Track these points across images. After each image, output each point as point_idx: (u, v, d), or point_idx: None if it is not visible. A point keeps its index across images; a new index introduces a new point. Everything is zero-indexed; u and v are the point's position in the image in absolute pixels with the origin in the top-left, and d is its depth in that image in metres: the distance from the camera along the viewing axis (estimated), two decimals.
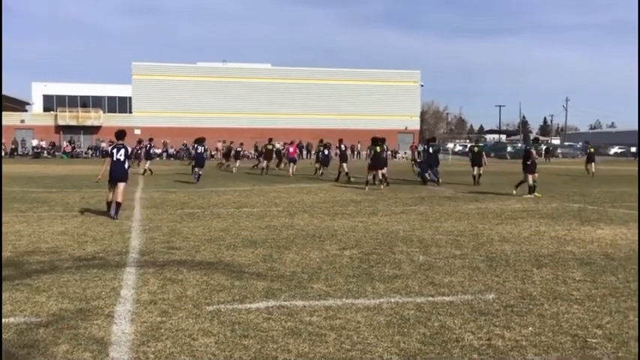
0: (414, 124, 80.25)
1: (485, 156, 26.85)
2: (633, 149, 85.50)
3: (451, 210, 15.52)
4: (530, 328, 5.62)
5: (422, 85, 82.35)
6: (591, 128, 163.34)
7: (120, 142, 13.83)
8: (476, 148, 26.98)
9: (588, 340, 5.31)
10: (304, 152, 66.53)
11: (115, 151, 13.70)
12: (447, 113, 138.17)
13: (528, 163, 19.40)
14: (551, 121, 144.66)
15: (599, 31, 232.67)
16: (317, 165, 32.41)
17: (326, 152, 31.22)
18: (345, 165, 27.42)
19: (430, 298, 6.66)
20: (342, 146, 28.69)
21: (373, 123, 69.87)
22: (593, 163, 33.95)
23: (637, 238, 10.89)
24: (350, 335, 5.40)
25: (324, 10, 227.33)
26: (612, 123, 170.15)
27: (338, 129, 62.74)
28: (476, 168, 25.85)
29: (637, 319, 5.94)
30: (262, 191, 21.12)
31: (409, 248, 9.80)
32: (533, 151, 19.78)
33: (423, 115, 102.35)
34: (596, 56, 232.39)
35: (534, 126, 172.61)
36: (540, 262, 8.72)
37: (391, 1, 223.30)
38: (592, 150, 35.71)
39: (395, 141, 72.28)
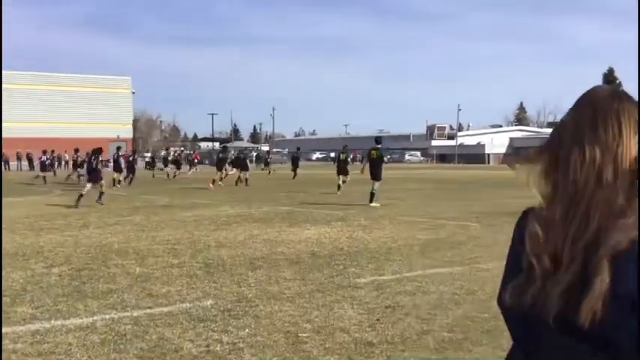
0: (127, 133, 78.12)
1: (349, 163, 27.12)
2: (332, 154, 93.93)
3: (167, 218, 15.39)
4: (247, 330, 5.80)
5: (133, 93, 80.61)
6: (296, 135, 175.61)
7: None
8: (342, 155, 26.78)
9: (299, 335, 5.65)
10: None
11: None
12: (161, 121, 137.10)
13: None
14: (260, 129, 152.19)
15: (297, 45, 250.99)
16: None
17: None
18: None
19: (148, 311, 6.50)
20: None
21: (82, 131, 66.49)
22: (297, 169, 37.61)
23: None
24: (60, 359, 5.01)
25: (22, 9, 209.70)
26: (314, 130, 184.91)
27: (44, 138, 58.25)
28: (341, 176, 25.68)
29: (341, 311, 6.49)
30: None
31: (124, 261, 9.46)
32: (385, 159, 19.64)
33: (135, 123, 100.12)
34: (301, 68, 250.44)
35: (245, 134, 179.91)
36: (255, 265, 9.07)
37: (97, 4, 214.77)
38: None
39: (107, 150, 69.51)
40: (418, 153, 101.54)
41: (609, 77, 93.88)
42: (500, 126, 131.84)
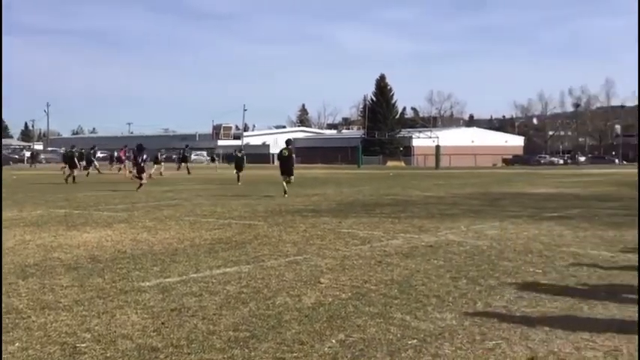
0: None
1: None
2: (116, 153, 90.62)
3: None
4: (17, 344, 5.31)
5: None
6: (74, 133, 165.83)
7: None
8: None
9: (77, 345, 5.29)
10: None
11: None
12: None
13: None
14: (33, 126, 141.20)
15: (75, 38, 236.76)
16: None
17: None
18: None
19: None
20: None
21: None
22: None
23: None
24: None
25: None
26: (94, 129, 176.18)
27: None
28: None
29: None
30: None
31: None
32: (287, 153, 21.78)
33: None
34: (78, 62, 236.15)
35: (15, 131, 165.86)
36: (26, 273, 8.35)
37: None
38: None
39: None
40: (205, 153, 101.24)
41: (381, 83, 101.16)
42: (284, 127, 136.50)
